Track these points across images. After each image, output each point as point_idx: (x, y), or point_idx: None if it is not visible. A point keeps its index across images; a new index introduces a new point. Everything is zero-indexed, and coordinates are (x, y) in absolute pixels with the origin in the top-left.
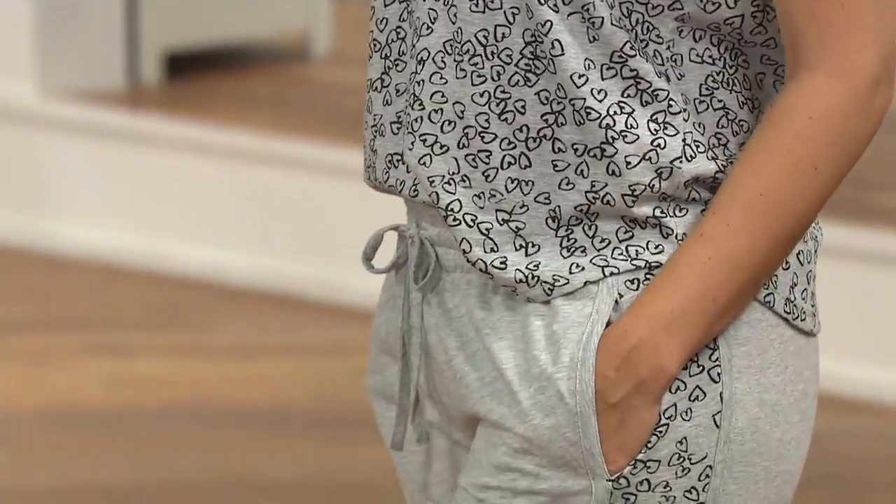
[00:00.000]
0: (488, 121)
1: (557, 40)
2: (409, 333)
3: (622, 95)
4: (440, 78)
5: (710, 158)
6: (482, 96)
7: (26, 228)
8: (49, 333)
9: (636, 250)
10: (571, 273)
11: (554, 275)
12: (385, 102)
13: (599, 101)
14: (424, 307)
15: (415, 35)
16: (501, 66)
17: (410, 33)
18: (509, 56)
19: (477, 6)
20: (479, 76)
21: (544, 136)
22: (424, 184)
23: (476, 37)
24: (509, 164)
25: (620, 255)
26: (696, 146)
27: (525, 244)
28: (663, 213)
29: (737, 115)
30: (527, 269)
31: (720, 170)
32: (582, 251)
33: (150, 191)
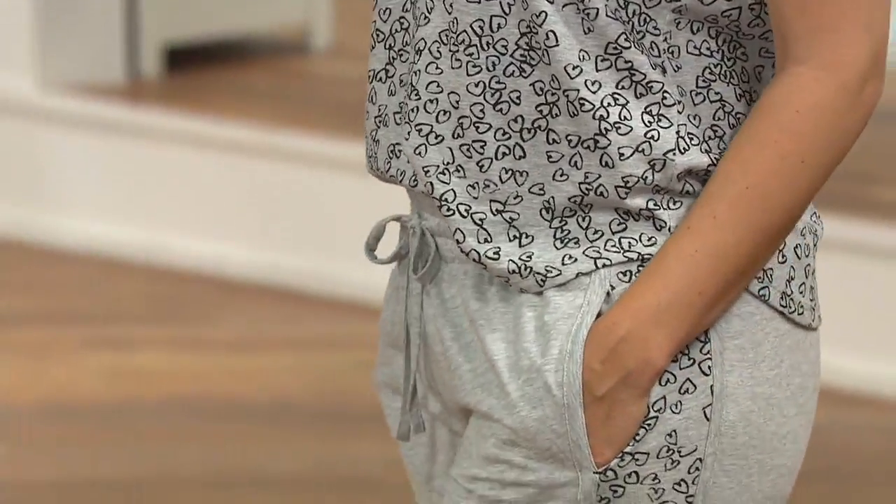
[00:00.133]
0: (483, 111)
1: (552, 31)
2: (410, 324)
3: (616, 87)
4: (436, 68)
5: (703, 151)
6: (477, 86)
7: (26, 222)
8: (49, 327)
9: (629, 242)
10: (564, 264)
11: (547, 266)
12: (390, 93)
13: (593, 93)
14: (424, 298)
15: (414, 25)
16: (497, 57)
17: (413, 24)
18: (504, 47)
19: None
20: (475, 66)
21: (539, 126)
22: (420, 173)
23: (472, 27)
24: (503, 154)
25: (613, 246)
26: (691, 139)
27: (519, 235)
28: (657, 205)
29: (734, 108)
30: (520, 259)
31: (713, 163)
32: (575, 242)
33: (149, 184)
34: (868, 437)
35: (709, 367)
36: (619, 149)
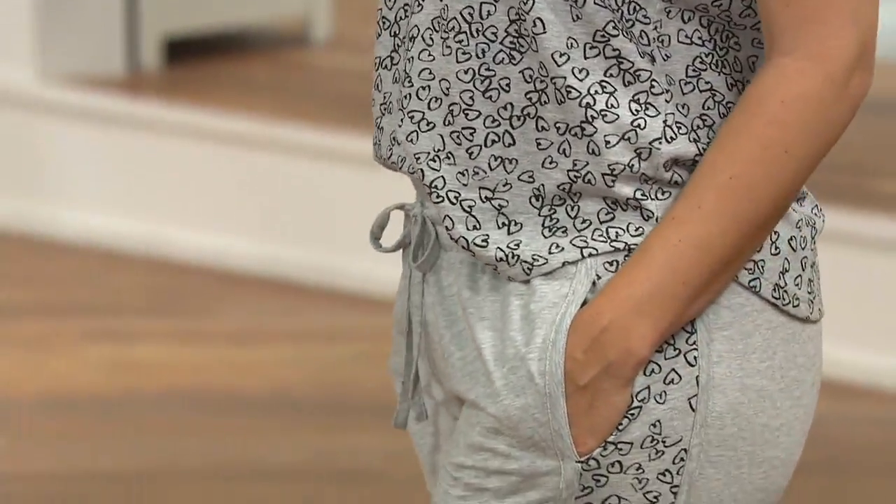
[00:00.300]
0: (472, 98)
1: (539, 18)
2: (412, 312)
3: (605, 75)
4: (428, 55)
5: (692, 140)
6: (466, 73)
7: (26, 214)
8: (49, 319)
9: (616, 232)
10: (551, 253)
11: (534, 254)
12: (394, 80)
13: (580, 80)
14: (424, 286)
15: (410, 12)
16: (486, 44)
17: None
18: (494, 34)
19: None
20: (464, 53)
21: (528, 114)
22: (411, 160)
23: (461, 14)
24: (493, 141)
25: (600, 236)
26: (678, 128)
27: (507, 222)
28: (644, 195)
29: (724, 97)
30: (507, 247)
31: (700, 152)
32: (563, 231)
33: (149, 176)
34: (867, 429)
35: (695, 358)
36: (604, 136)
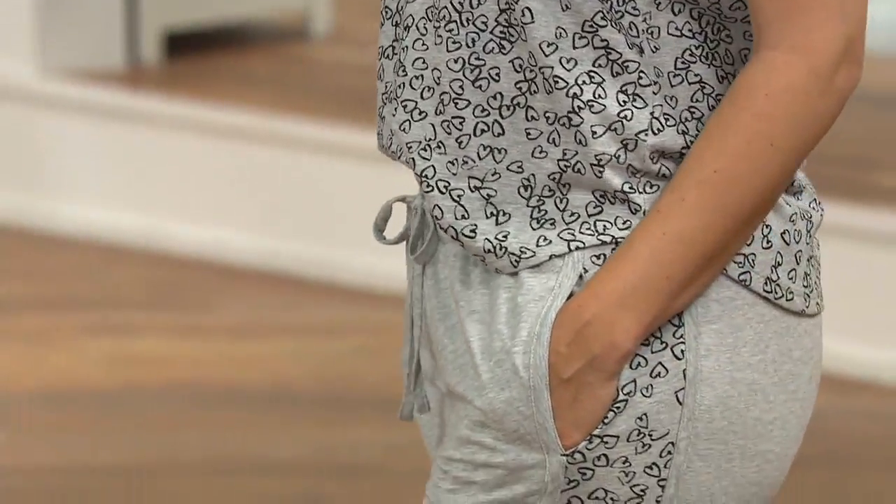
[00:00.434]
0: (462, 87)
1: (528, 8)
2: (413, 304)
3: (593, 65)
4: (422, 44)
5: (680, 132)
6: (456, 62)
7: (26, 208)
8: (49, 313)
9: (604, 225)
10: (538, 246)
11: (521, 247)
12: (394, 69)
13: (568, 71)
14: (424, 278)
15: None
16: (476, 33)
17: None
18: (484, 23)
19: None
20: (455, 42)
21: (518, 104)
22: (404, 150)
23: (452, 3)
24: (482, 131)
25: (588, 229)
26: (666, 119)
27: (496, 212)
28: (632, 188)
29: (714, 90)
30: (495, 238)
31: (687, 145)
32: (551, 224)
33: (149, 170)
34: (866, 423)
35: (682, 352)
36: (591, 127)
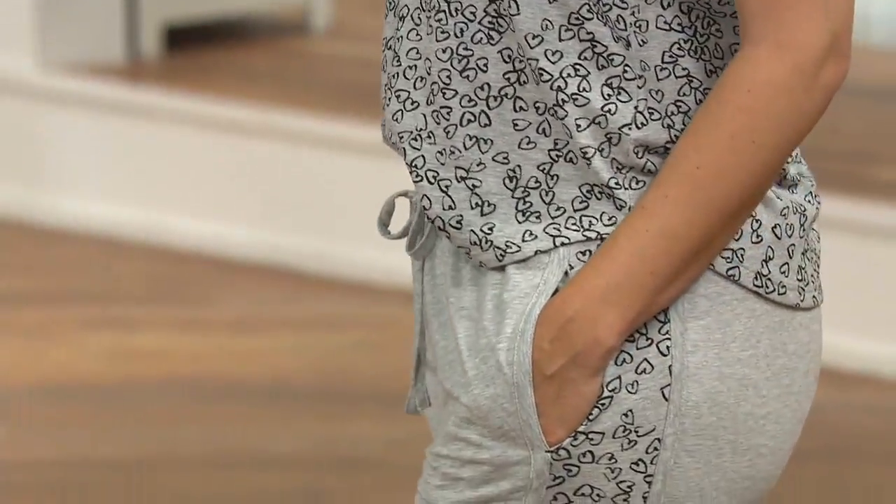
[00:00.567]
0: (450, 77)
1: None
2: (414, 300)
3: (579, 58)
4: (416, 35)
5: (665, 126)
6: (445, 52)
7: (26, 202)
8: (49, 307)
9: (589, 221)
10: (524, 241)
11: (507, 241)
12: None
13: (553, 63)
14: (423, 274)
15: None
16: (465, 23)
17: None
18: (473, 13)
19: None
20: (443, 32)
21: (505, 94)
22: (396, 140)
23: None
24: (469, 121)
25: (574, 224)
26: (650, 113)
27: (481, 203)
28: (618, 184)
29: (702, 84)
30: (481, 231)
31: (672, 139)
32: (537, 217)
33: (149, 164)
34: (865, 417)
35: (667, 348)
36: (575, 120)
